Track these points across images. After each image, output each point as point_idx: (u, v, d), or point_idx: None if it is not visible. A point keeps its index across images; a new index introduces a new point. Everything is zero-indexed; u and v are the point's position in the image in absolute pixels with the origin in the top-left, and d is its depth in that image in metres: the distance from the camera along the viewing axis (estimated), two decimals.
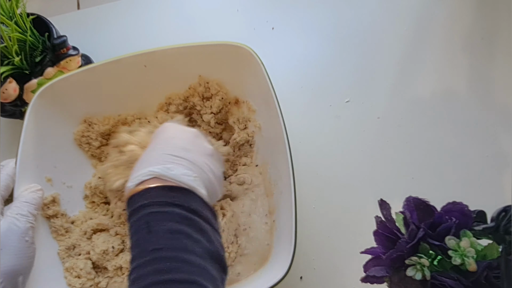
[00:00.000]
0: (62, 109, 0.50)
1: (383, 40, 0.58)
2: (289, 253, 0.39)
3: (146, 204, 0.33)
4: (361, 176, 0.51)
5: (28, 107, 0.46)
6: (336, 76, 0.57)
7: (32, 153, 0.45)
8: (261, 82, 0.45)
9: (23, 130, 0.45)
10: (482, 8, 0.57)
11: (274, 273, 0.40)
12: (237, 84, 0.50)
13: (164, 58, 0.49)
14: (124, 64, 0.48)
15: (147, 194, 0.34)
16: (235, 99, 0.52)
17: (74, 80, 0.48)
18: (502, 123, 0.51)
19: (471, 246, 0.30)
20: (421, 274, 0.31)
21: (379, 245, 0.34)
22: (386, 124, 0.54)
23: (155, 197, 0.33)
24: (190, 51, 0.48)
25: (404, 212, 0.33)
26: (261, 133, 0.49)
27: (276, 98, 0.44)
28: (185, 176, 0.35)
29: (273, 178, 0.47)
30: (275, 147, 0.45)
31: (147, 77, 0.50)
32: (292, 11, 0.62)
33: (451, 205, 0.32)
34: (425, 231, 0.31)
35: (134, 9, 0.66)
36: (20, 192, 0.42)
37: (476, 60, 0.55)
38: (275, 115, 0.44)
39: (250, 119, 0.50)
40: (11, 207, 0.41)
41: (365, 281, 0.34)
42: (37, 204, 0.42)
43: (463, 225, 0.31)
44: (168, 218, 0.32)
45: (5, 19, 0.51)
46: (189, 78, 0.51)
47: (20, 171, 0.43)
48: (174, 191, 0.34)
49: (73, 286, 0.44)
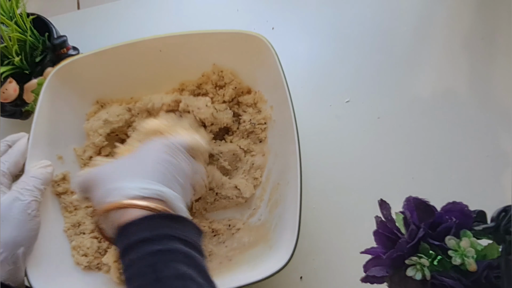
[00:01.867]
0: (76, 89, 0.51)
1: (383, 40, 0.58)
2: (291, 242, 0.40)
3: (149, 238, 0.28)
4: (361, 176, 0.51)
5: (44, 84, 0.47)
6: (336, 76, 0.57)
7: (45, 131, 0.47)
8: (274, 74, 0.46)
9: (37, 107, 0.46)
10: (482, 8, 0.57)
11: (277, 260, 0.40)
12: (250, 74, 0.51)
13: (180, 43, 0.49)
14: (140, 48, 0.49)
15: (147, 223, 0.29)
16: (247, 89, 0.52)
17: (89, 61, 0.49)
18: (502, 123, 0.51)
19: (471, 246, 0.30)
20: (421, 274, 0.31)
21: (379, 245, 0.34)
22: (386, 124, 0.54)
23: (158, 228, 0.29)
24: (205, 37, 0.48)
25: (404, 212, 0.33)
26: (271, 123, 0.49)
27: (288, 91, 0.44)
28: (177, 200, 0.32)
29: (279, 169, 0.47)
30: (284, 138, 0.46)
31: (162, 62, 0.51)
32: (292, 11, 0.62)
33: (451, 205, 0.32)
34: (425, 231, 0.31)
35: (134, 9, 0.66)
36: (29, 168, 0.43)
37: (476, 60, 0.55)
38: (286, 107, 0.44)
39: (261, 109, 0.51)
40: (18, 181, 0.41)
41: (365, 281, 0.34)
42: (44, 179, 0.42)
43: (463, 225, 0.31)
44: (174, 259, 0.28)
45: (5, 19, 0.51)
46: (203, 66, 0.52)
47: (32, 147, 0.44)
48: (175, 220, 0.30)
49: (80, 264, 0.45)
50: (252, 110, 0.51)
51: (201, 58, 0.51)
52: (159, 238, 0.28)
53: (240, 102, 0.52)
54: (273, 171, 0.49)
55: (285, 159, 0.46)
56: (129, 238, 0.29)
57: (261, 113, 0.50)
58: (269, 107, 0.50)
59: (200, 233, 0.32)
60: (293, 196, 0.42)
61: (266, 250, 0.44)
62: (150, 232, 0.28)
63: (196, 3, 0.65)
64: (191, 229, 0.31)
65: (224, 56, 0.50)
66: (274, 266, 0.39)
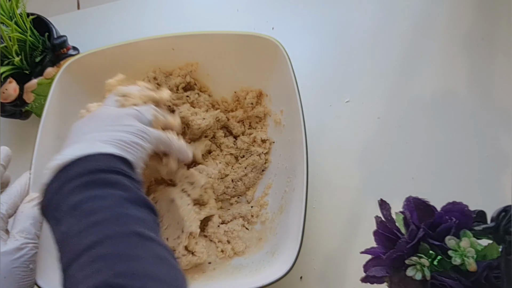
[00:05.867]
0: (85, 85, 0.51)
1: (383, 40, 0.58)
2: (294, 250, 0.40)
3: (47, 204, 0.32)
4: (361, 176, 0.51)
5: (54, 81, 0.47)
6: (336, 76, 0.57)
7: (52, 129, 0.47)
8: (285, 77, 0.46)
9: (46, 105, 0.46)
10: (482, 8, 0.57)
11: (279, 267, 0.40)
12: (261, 77, 0.51)
13: (193, 43, 0.49)
14: (152, 45, 0.49)
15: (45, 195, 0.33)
16: (258, 92, 0.52)
17: (98, 57, 0.49)
18: (502, 123, 0.51)
19: (471, 246, 0.30)
20: (421, 274, 0.31)
21: (379, 245, 0.34)
22: (386, 124, 0.54)
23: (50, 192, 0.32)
24: (218, 38, 0.49)
25: (404, 212, 0.33)
26: (280, 128, 0.50)
27: (299, 94, 0.45)
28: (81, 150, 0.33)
29: (287, 171, 0.48)
30: (292, 143, 0.46)
31: (174, 61, 0.51)
32: (292, 11, 0.62)
33: (451, 205, 0.32)
34: (425, 231, 0.31)
35: (134, 9, 0.66)
36: (23, 207, 0.40)
37: (476, 60, 0.55)
38: (296, 111, 0.45)
39: (270, 113, 0.51)
40: (16, 224, 0.39)
41: (365, 281, 0.34)
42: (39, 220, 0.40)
43: (463, 225, 0.31)
44: (68, 196, 0.31)
45: (5, 19, 0.51)
46: (215, 64, 0.52)
47: (40, 145, 0.45)
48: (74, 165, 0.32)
49: None
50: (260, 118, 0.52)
51: (213, 59, 0.51)
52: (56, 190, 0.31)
53: None
54: (277, 176, 0.49)
55: (291, 165, 0.46)
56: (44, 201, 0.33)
57: (270, 117, 0.51)
58: (279, 111, 0.50)
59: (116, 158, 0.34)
60: (298, 204, 0.42)
61: (268, 256, 0.44)
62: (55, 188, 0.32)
63: (196, 3, 0.65)
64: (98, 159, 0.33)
65: (235, 57, 0.50)
66: (276, 272, 0.39)
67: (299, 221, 0.41)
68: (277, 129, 0.50)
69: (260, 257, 0.45)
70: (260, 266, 0.43)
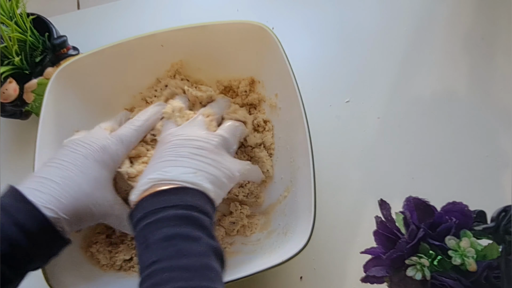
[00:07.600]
0: (80, 88, 0.50)
1: (383, 40, 0.58)
2: (308, 224, 0.39)
3: (141, 217, 0.32)
4: (361, 176, 0.51)
5: (47, 87, 0.47)
6: (336, 76, 0.57)
7: (51, 131, 0.47)
8: (278, 62, 0.46)
9: (42, 109, 0.46)
10: (482, 8, 0.57)
11: (294, 244, 0.40)
12: (253, 64, 0.50)
13: (180, 37, 0.49)
14: (141, 44, 0.49)
15: (141, 206, 0.33)
16: (250, 80, 0.52)
17: (91, 60, 0.49)
18: (502, 123, 0.51)
19: (471, 246, 0.30)
20: (421, 274, 0.31)
21: (379, 245, 0.34)
22: (386, 124, 0.54)
23: (149, 206, 0.32)
24: (206, 30, 0.48)
25: (404, 212, 0.33)
26: (276, 111, 0.50)
27: (293, 73, 0.45)
28: (184, 174, 0.34)
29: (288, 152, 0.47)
30: (290, 123, 0.46)
31: (164, 57, 0.51)
32: (292, 11, 0.62)
33: (451, 205, 0.32)
34: (425, 231, 0.31)
35: (134, 9, 0.66)
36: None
37: (476, 60, 0.55)
38: (291, 91, 0.44)
39: (265, 98, 0.51)
40: None
41: (365, 281, 0.34)
42: None
43: (463, 225, 0.31)
44: (162, 225, 0.31)
45: (5, 19, 0.51)
46: (206, 57, 0.51)
47: (40, 148, 0.44)
48: (168, 193, 0.33)
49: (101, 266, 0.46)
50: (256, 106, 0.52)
51: (204, 50, 0.51)
52: (150, 213, 0.32)
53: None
54: (279, 159, 0.49)
55: (293, 145, 0.46)
56: (130, 223, 0.34)
57: (265, 102, 0.51)
58: (274, 95, 0.49)
59: (207, 197, 0.34)
60: (306, 181, 0.42)
61: (280, 237, 0.44)
62: (142, 212, 0.32)
63: (196, 3, 0.65)
64: (191, 194, 0.33)
65: (226, 46, 0.50)
66: (290, 251, 0.39)
67: (309, 194, 0.40)
68: (274, 113, 0.50)
69: (271, 241, 0.44)
70: (274, 247, 0.43)
